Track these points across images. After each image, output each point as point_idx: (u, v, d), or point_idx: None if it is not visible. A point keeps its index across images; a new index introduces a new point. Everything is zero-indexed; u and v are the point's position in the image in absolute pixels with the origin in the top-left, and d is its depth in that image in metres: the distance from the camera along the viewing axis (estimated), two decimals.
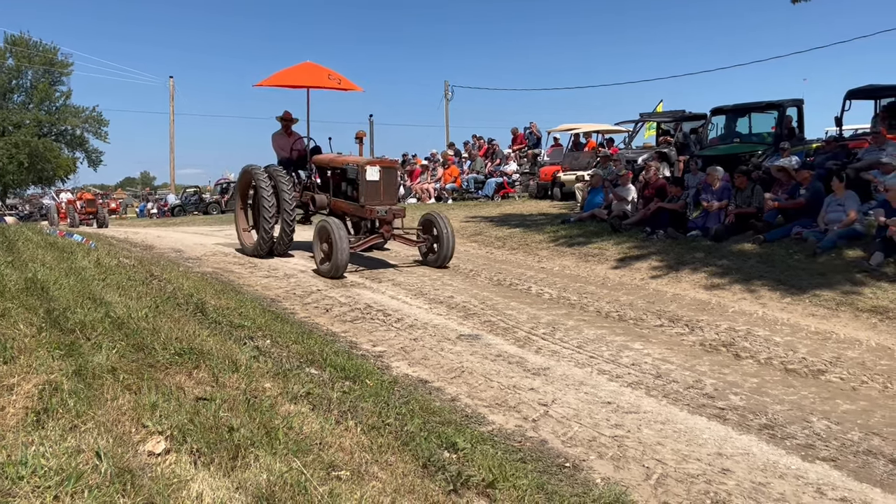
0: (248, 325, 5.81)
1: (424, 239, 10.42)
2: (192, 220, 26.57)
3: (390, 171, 10.33)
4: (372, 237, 10.14)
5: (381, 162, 10.40)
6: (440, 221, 10.09)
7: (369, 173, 9.83)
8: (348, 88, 11.77)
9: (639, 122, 20.23)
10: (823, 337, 6.67)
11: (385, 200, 9.96)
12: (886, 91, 13.68)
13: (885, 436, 4.36)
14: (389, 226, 10.00)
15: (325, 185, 11.14)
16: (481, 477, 3.16)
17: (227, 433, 2.70)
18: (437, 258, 10.20)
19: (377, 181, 9.87)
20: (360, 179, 9.84)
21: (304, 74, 11.37)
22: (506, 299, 8.32)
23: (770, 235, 9.90)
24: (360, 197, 9.89)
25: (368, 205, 9.82)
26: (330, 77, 11.29)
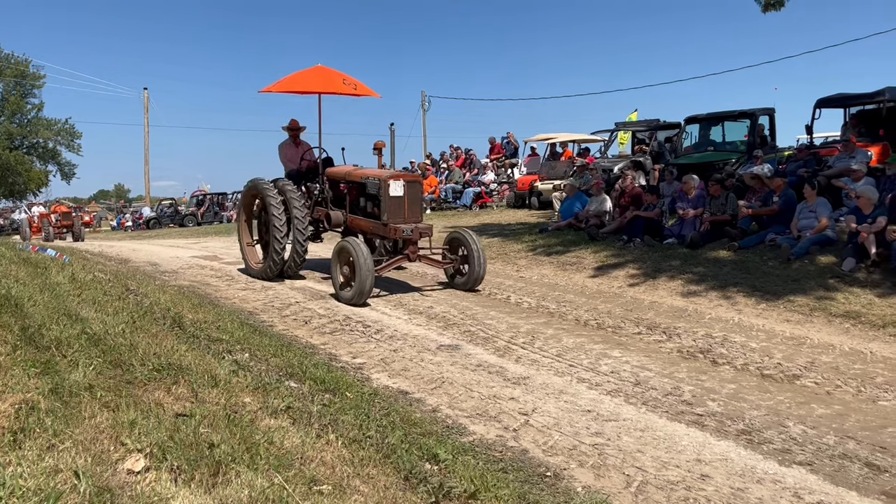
0: (226, 338, 5.77)
1: (452, 260, 9.50)
2: (167, 233, 26.34)
3: (415, 185, 9.35)
4: (396, 258, 9.14)
5: (405, 175, 9.43)
6: (469, 240, 9.17)
7: (393, 188, 8.92)
8: (364, 94, 10.89)
9: (614, 132, 20.43)
10: (798, 342, 6.77)
11: (410, 218, 9.05)
12: (855, 99, 13.95)
13: (860, 439, 4.43)
14: (415, 246, 9.07)
15: (338, 200, 10.19)
16: (463, 488, 3.17)
17: (208, 449, 2.68)
18: (467, 280, 9.27)
19: (401, 197, 8.97)
20: (382, 195, 8.95)
21: (315, 79, 10.45)
22: (485, 309, 8.34)
23: (744, 242, 10.04)
24: (382, 214, 8.98)
25: (392, 223, 8.91)
26: (345, 82, 10.45)
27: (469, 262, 9.18)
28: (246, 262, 10.66)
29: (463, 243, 9.28)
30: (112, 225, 43.86)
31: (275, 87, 10.40)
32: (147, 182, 44.15)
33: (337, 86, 10.41)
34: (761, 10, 10.69)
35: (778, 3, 10.40)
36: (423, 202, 9.47)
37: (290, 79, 10.44)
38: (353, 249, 8.22)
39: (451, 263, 9.47)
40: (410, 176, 9.65)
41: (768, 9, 10.57)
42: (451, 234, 9.61)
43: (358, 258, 8.11)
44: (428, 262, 9.47)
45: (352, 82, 10.49)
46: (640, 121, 20.99)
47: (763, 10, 10.69)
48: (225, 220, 33.61)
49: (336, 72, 10.58)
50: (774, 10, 10.54)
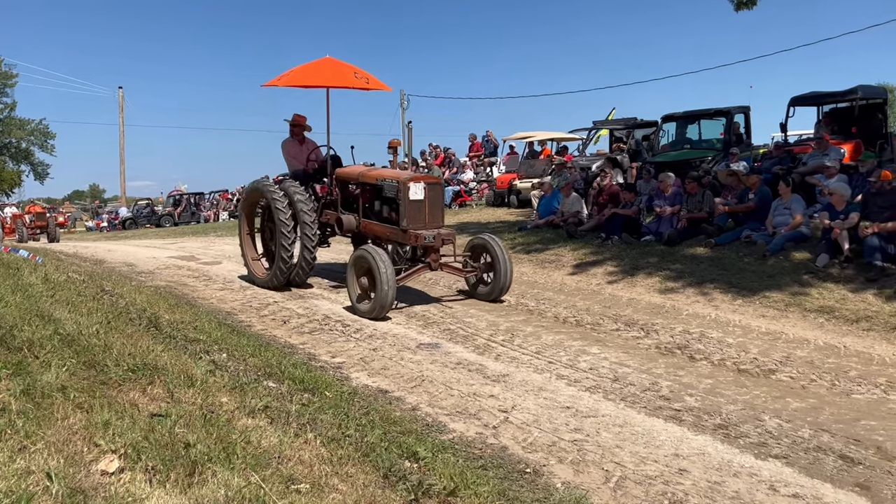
0: (203, 338, 5.72)
1: (475, 268, 8.78)
2: (144, 234, 26.06)
3: (436, 188, 8.61)
4: (417, 268, 8.33)
5: (425, 178, 8.73)
6: (494, 246, 8.46)
7: (413, 191, 8.19)
8: (376, 88, 10.13)
9: (592, 130, 20.54)
10: (774, 337, 6.85)
11: (431, 223, 8.32)
12: (828, 98, 14.16)
13: (834, 432, 4.50)
14: (437, 254, 8.31)
15: (348, 203, 9.48)
16: (442, 486, 3.16)
17: (184, 449, 2.65)
18: (492, 290, 8.54)
19: (421, 200, 8.25)
20: (401, 198, 8.21)
21: (324, 72, 9.68)
22: (465, 307, 8.34)
23: (721, 239, 10.14)
24: (401, 219, 8.24)
25: (412, 229, 8.17)
26: (356, 75, 9.65)
27: (494, 271, 8.48)
28: (249, 269, 9.93)
29: (487, 250, 8.59)
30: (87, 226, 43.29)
31: (280, 82, 9.68)
32: (122, 182, 43.73)
33: (348, 79, 9.65)
34: (734, 8, 10.79)
35: (750, 1, 10.51)
36: (444, 206, 8.76)
37: (297, 72, 9.72)
38: (373, 259, 7.50)
39: (474, 272, 8.75)
40: (431, 178, 9.03)
41: (740, 7, 10.67)
42: (473, 240, 8.95)
43: (379, 269, 7.39)
44: (450, 270, 8.69)
45: (363, 75, 9.74)
46: (618, 119, 21.14)
47: (735, 9, 10.80)
48: (202, 220, 33.31)
49: (346, 64, 9.86)
50: (747, 8, 10.64)
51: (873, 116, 13.90)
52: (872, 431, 4.50)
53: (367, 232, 9.03)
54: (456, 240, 8.42)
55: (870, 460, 4.08)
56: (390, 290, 7.38)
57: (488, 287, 8.62)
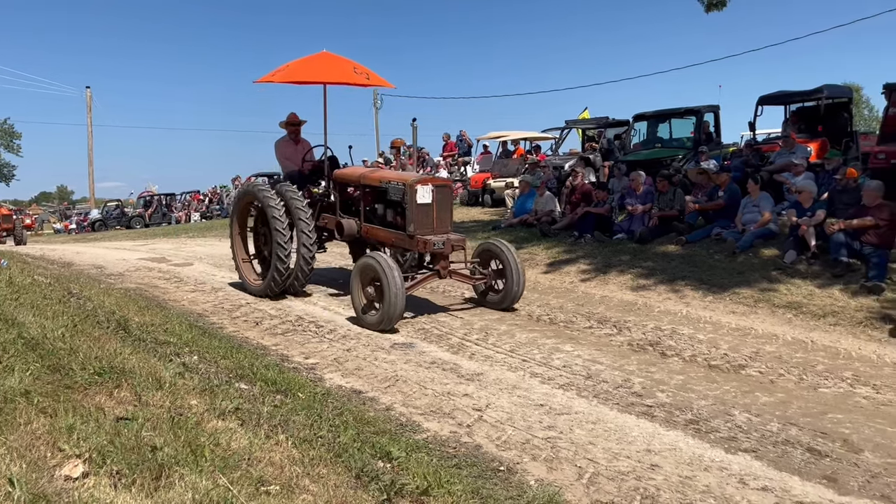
0: (174, 341, 5.65)
1: (484, 275, 8.26)
2: (114, 235, 25.66)
3: (444, 190, 8.09)
4: (426, 276, 7.87)
5: (433, 180, 8.18)
6: (505, 252, 7.99)
7: (420, 194, 7.68)
8: (377, 84, 9.68)
9: (565, 129, 20.65)
10: (743, 333, 6.94)
11: (439, 228, 7.83)
12: (795, 97, 14.38)
13: (802, 425, 4.57)
14: (446, 261, 7.80)
15: (348, 207, 8.98)
16: (415, 485, 3.15)
17: (150, 453, 2.61)
18: (504, 298, 8.03)
19: (429, 204, 7.75)
20: (407, 202, 7.72)
21: (321, 67, 9.12)
22: (439, 306, 8.34)
23: (691, 237, 10.26)
24: (407, 224, 7.75)
25: (420, 234, 7.67)
26: (356, 71, 9.15)
27: (506, 277, 7.98)
28: (243, 279, 9.37)
29: (497, 255, 8.10)
30: (55, 228, 42.53)
31: (275, 77, 9.07)
32: (91, 183, 42.96)
33: (347, 75, 9.17)
34: (704, 9, 10.94)
35: (720, 2, 10.66)
36: (452, 209, 8.23)
37: (292, 67, 9.10)
38: (381, 268, 7.00)
39: (483, 279, 8.23)
40: (440, 180, 8.50)
41: (711, 9, 10.83)
42: (482, 246, 8.46)
43: (387, 278, 6.90)
44: (459, 278, 8.15)
45: (363, 71, 9.24)
46: (591, 119, 21.27)
47: (706, 10, 10.95)
48: (173, 221, 32.90)
49: (345, 59, 9.32)
50: (717, 9, 10.80)
51: (839, 115, 14.15)
52: (839, 424, 4.58)
53: (370, 237, 8.61)
54: (466, 247, 7.97)
55: (836, 453, 4.15)
56: (399, 300, 6.90)
57: (499, 295, 8.12)
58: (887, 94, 11.77)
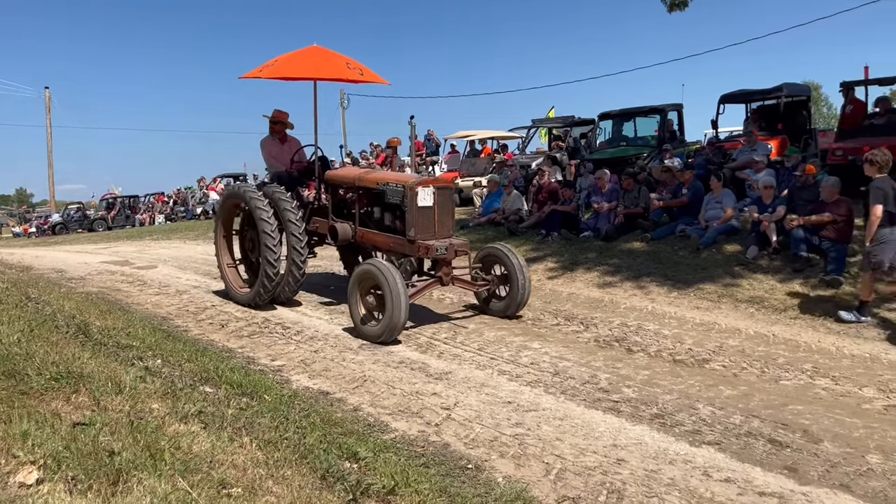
0: (136, 344, 5.55)
1: (487, 281, 7.83)
2: (75, 239, 25.11)
3: (446, 192, 7.63)
4: (428, 283, 7.37)
5: (434, 181, 7.71)
6: (509, 257, 7.58)
7: (421, 197, 7.27)
8: (371, 81, 9.20)
9: (531, 129, 20.76)
10: (707, 328, 7.05)
11: (440, 233, 7.44)
12: (756, 95, 14.64)
13: (764, 417, 4.65)
14: (449, 267, 7.36)
15: (340, 209, 8.53)
16: (382, 484, 3.14)
17: (108, 458, 2.55)
18: (508, 305, 7.62)
19: (430, 207, 7.35)
20: (407, 205, 7.28)
21: (312, 63, 8.59)
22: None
23: (656, 234, 10.38)
24: (407, 228, 7.31)
25: (421, 239, 7.25)
26: (349, 66, 8.66)
27: (510, 284, 7.58)
28: (228, 287, 8.76)
29: (500, 261, 7.68)
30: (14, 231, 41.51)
31: (263, 73, 8.47)
32: (51, 186, 42.03)
33: (340, 71, 8.67)
34: (667, 10, 11.07)
35: (682, 2, 10.80)
36: (454, 212, 7.85)
37: (281, 62, 8.54)
38: (382, 276, 6.55)
39: (487, 285, 7.81)
40: (441, 181, 7.98)
41: (673, 9, 10.96)
42: (484, 250, 8.01)
43: (390, 286, 6.44)
44: (462, 285, 7.70)
45: (356, 66, 8.76)
46: (557, 118, 21.42)
47: (669, 10, 11.08)
48: (137, 223, 32.34)
49: (337, 54, 8.84)
50: (679, 9, 10.93)
51: (798, 113, 14.43)
52: (799, 416, 4.68)
53: (366, 242, 8.17)
54: (469, 251, 7.59)
55: (797, 443, 4.23)
56: (403, 310, 6.44)
57: (503, 302, 7.72)
58: (844, 91, 12.05)
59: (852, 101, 12.20)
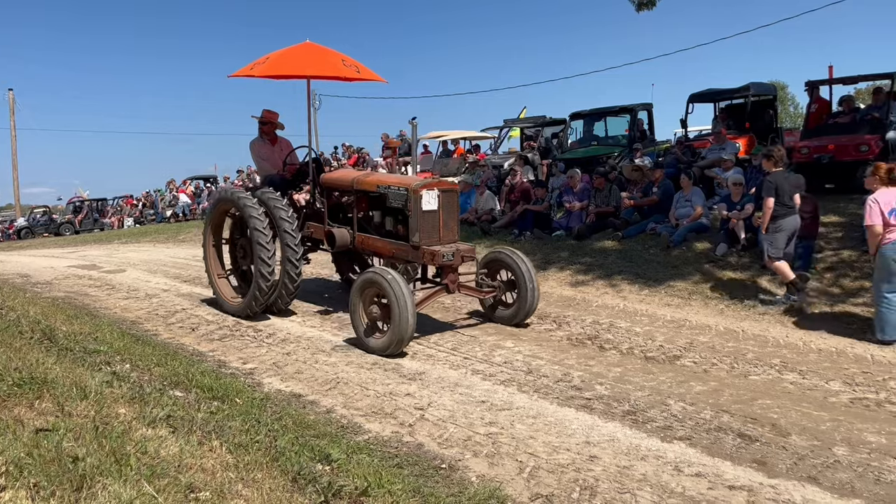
0: (104, 349, 5.46)
1: (494, 287, 7.39)
2: (41, 243, 24.65)
3: (451, 195, 7.20)
4: (434, 291, 7.04)
5: (439, 184, 7.30)
6: (517, 262, 7.16)
7: (426, 200, 6.89)
8: (368, 79, 8.77)
9: (503, 129, 20.82)
10: (678, 325, 7.12)
11: (446, 238, 7.04)
12: (723, 94, 14.85)
13: (733, 412, 4.71)
14: (455, 274, 6.95)
15: (335, 214, 8.11)
16: (354, 486, 3.12)
17: (71, 464, 2.50)
18: (516, 313, 7.22)
19: (435, 211, 6.96)
20: (411, 209, 6.89)
21: (306, 60, 8.20)
22: None
23: (627, 232, 10.47)
24: (411, 234, 6.93)
25: (425, 245, 6.87)
26: (345, 63, 8.27)
27: (518, 290, 7.17)
28: (218, 297, 8.29)
29: (507, 266, 7.27)
30: None
31: (255, 71, 8.05)
32: (16, 189, 41.12)
33: (335, 68, 8.28)
34: (635, 9, 11.18)
35: (650, 2, 10.91)
36: (458, 216, 7.42)
37: (273, 60, 8.12)
38: (387, 285, 6.14)
39: (493, 292, 7.37)
40: (446, 184, 7.49)
41: (641, 8, 11.07)
42: (490, 255, 7.53)
43: (396, 295, 6.06)
44: (468, 292, 7.27)
45: (352, 63, 8.36)
46: (529, 118, 21.49)
47: (637, 10, 11.19)
48: (106, 227, 31.83)
49: (331, 51, 8.49)
50: (647, 9, 11.05)
51: (765, 112, 14.67)
52: (768, 410, 4.74)
53: (365, 248, 7.79)
54: (476, 257, 7.19)
55: (765, 437, 4.29)
56: (410, 320, 6.06)
57: (510, 309, 7.32)
58: (809, 90, 12.27)
59: (817, 100, 12.43)
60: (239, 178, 26.16)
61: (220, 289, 8.29)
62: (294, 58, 8.26)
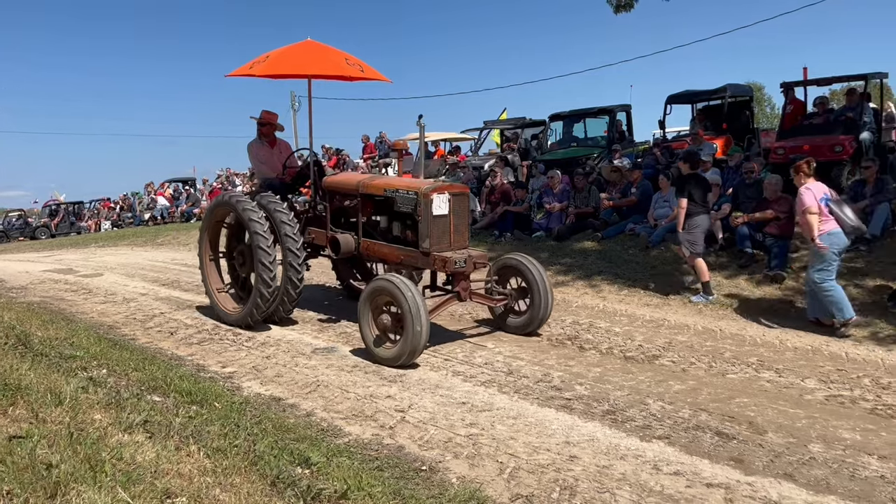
0: (80, 354, 5.40)
1: (505, 295, 7.09)
2: (16, 247, 24.34)
3: (461, 198, 6.96)
4: (445, 299, 6.71)
5: (449, 187, 7.03)
6: (529, 268, 6.86)
7: (436, 204, 6.65)
8: (372, 78, 8.41)
9: (484, 130, 20.87)
10: (657, 324, 7.18)
11: (457, 243, 6.82)
12: (701, 95, 15.00)
13: (711, 411, 4.76)
14: (467, 281, 6.69)
15: (338, 218, 7.81)
16: (333, 489, 3.11)
17: (45, 470, 2.47)
18: (529, 321, 6.90)
19: (446, 216, 6.73)
20: (420, 213, 6.64)
21: (308, 58, 7.82)
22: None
23: (607, 233, 10.54)
24: (420, 239, 6.67)
25: (436, 251, 6.63)
26: (348, 62, 7.94)
27: (531, 297, 6.86)
28: (215, 305, 7.91)
29: (520, 272, 6.96)
30: None
31: (254, 70, 7.68)
32: None
33: (338, 67, 7.90)
34: (613, 11, 11.25)
35: (627, 4, 10.99)
36: (469, 221, 7.21)
37: (274, 58, 7.77)
38: (400, 292, 5.88)
39: (505, 300, 7.07)
40: (457, 187, 7.24)
41: (619, 10, 11.14)
42: (501, 261, 7.22)
43: (409, 304, 5.77)
44: (481, 299, 7.02)
45: (356, 62, 8.02)
46: (509, 119, 21.56)
47: (615, 12, 11.26)
48: (83, 230, 31.45)
49: (334, 49, 8.12)
50: (625, 10, 11.12)
51: (741, 113, 14.85)
52: (745, 408, 4.80)
53: (371, 255, 7.48)
54: (488, 263, 6.92)
55: (743, 435, 4.34)
56: (424, 330, 5.77)
57: (522, 318, 7.00)
58: (785, 91, 12.42)
59: (792, 101, 12.59)
60: (218, 181, 25.97)
61: (218, 301, 7.92)
62: (295, 56, 7.90)
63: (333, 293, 9.44)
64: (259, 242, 7.01)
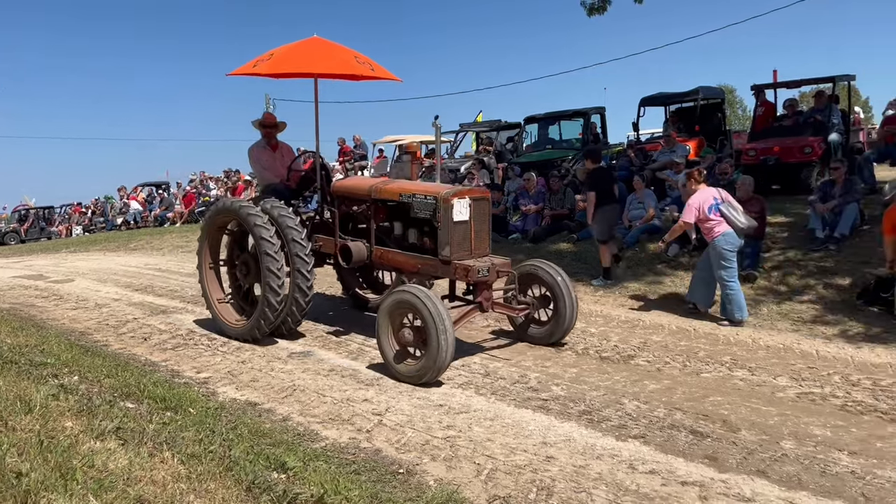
0: (51, 361, 5.34)
1: (527, 304, 6.71)
2: None
3: (482, 203, 6.56)
4: (468, 310, 6.26)
5: (470, 191, 6.58)
6: (552, 275, 6.54)
7: (457, 209, 6.25)
8: (382, 77, 8.04)
9: (460, 133, 20.89)
10: (632, 325, 7.24)
11: (478, 251, 6.43)
12: (674, 98, 15.16)
13: (686, 410, 4.81)
14: (490, 291, 6.31)
15: (346, 225, 7.43)
16: (310, 493, 3.09)
17: (15, 479, 2.43)
18: (552, 332, 6.57)
19: (466, 222, 6.35)
20: (440, 220, 6.24)
21: (316, 56, 7.42)
22: (336, 313, 8.23)
23: (582, 234, 10.60)
24: (440, 247, 6.30)
25: (457, 259, 6.25)
26: (358, 60, 7.55)
27: (556, 306, 6.53)
28: (217, 318, 7.42)
29: (541, 280, 6.63)
30: None
31: (259, 68, 7.39)
32: None
33: (348, 65, 7.52)
34: (586, 13, 11.35)
35: (601, 7, 11.10)
36: (490, 227, 6.80)
37: (279, 56, 7.43)
38: (424, 306, 5.49)
39: (527, 310, 6.70)
40: (477, 191, 6.78)
41: (592, 13, 11.24)
42: (523, 268, 6.76)
43: (434, 319, 5.39)
44: (504, 309, 6.64)
45: (365, 61, 7.65)
46: (484, 121, 21.61)
47: (588, 14, 11.36)
48: (54, 235, 30.95)
49: (342, 47, 7.71)
50: (598, 13, 11.22)
51: (713, 115, 15.04)
52: (719, 406, 4.86)
53: (384, 263, 7.09)
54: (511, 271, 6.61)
55: (717, 433, 4.39)
56: (450, 346, 5.40)
57: (545, 328, 6.66)
58: (756, 93, 12.62)
59: (763, 103, 12.79)
60: (191, 185, 25.69)
61: (220, 313, 7.44)
62: (301, 54, 7.51)
63: (339, 302, 9.03)
64: (266, 248, 6.63)
